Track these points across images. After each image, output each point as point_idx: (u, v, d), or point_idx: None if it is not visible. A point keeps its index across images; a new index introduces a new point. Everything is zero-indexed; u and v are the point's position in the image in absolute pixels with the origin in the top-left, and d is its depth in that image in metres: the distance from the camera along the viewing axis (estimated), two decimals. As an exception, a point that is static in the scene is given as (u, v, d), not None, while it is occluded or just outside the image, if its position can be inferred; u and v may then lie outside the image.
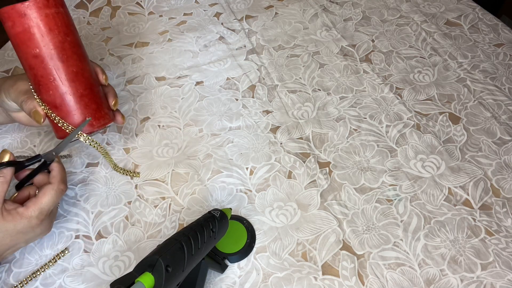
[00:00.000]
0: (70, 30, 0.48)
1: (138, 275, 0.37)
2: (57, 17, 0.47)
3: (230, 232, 0.51)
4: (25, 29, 0.46)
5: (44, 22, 0.46)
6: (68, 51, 0.48)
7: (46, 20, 0.46)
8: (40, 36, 0.46)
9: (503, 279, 0.49)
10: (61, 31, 0.47)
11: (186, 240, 0.41)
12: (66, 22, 0.48)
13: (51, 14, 0.46)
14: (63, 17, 0.47)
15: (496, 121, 0.64)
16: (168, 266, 0.37)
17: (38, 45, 0.46)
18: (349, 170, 0.60)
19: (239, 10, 0.85)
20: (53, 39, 0.47)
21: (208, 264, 0.47)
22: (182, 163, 0.61)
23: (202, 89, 0.71)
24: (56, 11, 0.46)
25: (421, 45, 0.77)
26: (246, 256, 0.51)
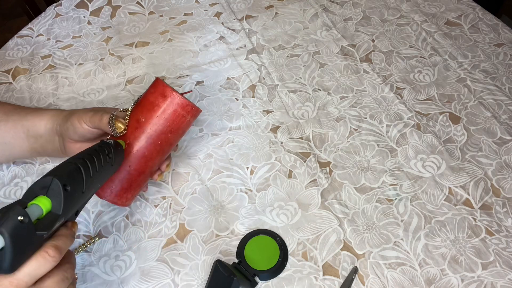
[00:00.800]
0: (176, 131, 0.51)
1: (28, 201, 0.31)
2: (181, 119, 0.50)
3: (262, 248, 0.51)
4: (153, 102, 0.49)
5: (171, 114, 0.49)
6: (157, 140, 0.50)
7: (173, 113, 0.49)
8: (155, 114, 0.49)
9: (503, 278, 0.49)
10: (169, 126, 0.50)
11: (82, 162, 0.36)
12: (179, 125, 0.50)
13: (181, 114, 0.50)
14: (183, 121, 0.50)
15: (497, 121, 0.65)
16: (66, 185, 0.32)
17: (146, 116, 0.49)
18: (350, 170, 0.60)
19: (240, 10, 0.85)
20: (162, 126, 0.49)
21: (240, 281, 0.46)
22: (183, 162, 0.61)
23: (203, 89, 0.71)
24: (184, 115, 0.50)
25: (421, 45, 0.77)
26: (277, 274, 0.50)
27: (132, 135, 0.49)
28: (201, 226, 0.55)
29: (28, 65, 0.76)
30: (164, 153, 0.52)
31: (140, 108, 0.50)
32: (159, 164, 0.53)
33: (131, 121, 0.50)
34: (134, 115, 0.50)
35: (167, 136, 0.50)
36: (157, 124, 0.49)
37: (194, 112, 0.51)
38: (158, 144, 0.50)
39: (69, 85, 0.72)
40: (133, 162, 0.49)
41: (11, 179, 0.60)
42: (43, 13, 0.86)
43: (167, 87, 0.49)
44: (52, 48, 0.79)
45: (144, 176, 0.51)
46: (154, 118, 0.49)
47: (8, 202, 0.57)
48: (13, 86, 0.72)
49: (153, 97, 0.49)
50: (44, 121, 0.53)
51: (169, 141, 0.51)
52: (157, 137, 0.49)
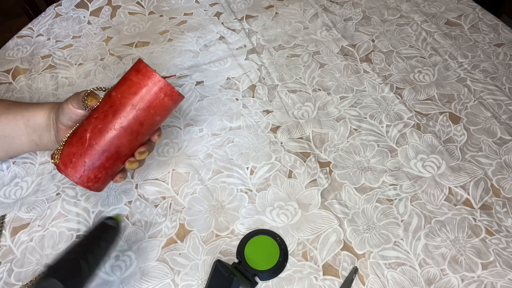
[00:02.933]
0: (148, 111, 0.48)
1: None
2: (153, 96, 0.48)
3: (262, 248, 0.50)
4: (128, 78, 0.48)
5: (140, 87, 0.47)
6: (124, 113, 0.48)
7: (143, 88, 0.47)
8: (127, 89, 0.48)
9: (503, 278, 0.49)
10: (142, 104, 0.48)
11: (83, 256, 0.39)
12: (153, 104, 0.48)
13: (152, 89, 0.47)
14: (156, 99, 0.48)
15: (497, 121, 0.65)
16: None
17: (119, 92, 0.48)
18: (350, 170, 0.60)
19: (240, 10, 0.85)
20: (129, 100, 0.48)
21: (240, 281, 0.46)
22: (183, 162, 0.61)
23: (203, 89, 0.71)
24: (156, 93, 0.48)
25: (421, 45, 0.77)
26: (277, 274, 0.50)
27: (101, 109, 0.48)
28: (201, 226, 0.55)
29: (28, 65, 0.76)
30: (133, 133, 0.49)
31: (116, 84, 0.49)
32: (129, 147, 0.50)
33: (105, 96, 0.49)
34: (110, 91, 0.49)
35: (135, 112, 0.47)
36: (125, 98, 0.47)
37: (168, 91, 0.48)
38: (125, 119, 0.47)
39: (69, 85, 0.72)
40: (98, 136, 0.47)
41: (11, 179, 0.60)
42: (43, 13, 0.86)
43: (142, 63, 0.48)
44: (52, 48, 0.79)
45: (110, 155, 0.48)
46: (124, 91, 0.48)
47: (8, 202, 0.57)
48: (13, 86, 0.72)
49: (128, 72, 0.49)
50: (43, 111, 0.54)
51: (139, 119, 0.48)
52: (125, 111, 0.47)
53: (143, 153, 0.51)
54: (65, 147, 0.49)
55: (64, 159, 0.48)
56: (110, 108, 0.48)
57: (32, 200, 0.58)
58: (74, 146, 0.48)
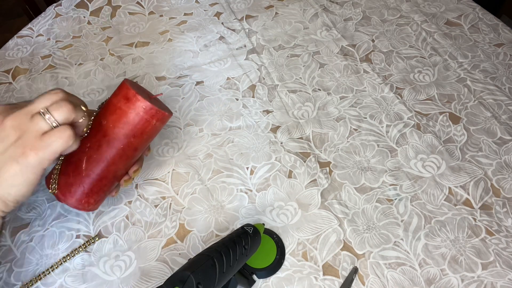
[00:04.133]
0: (141, 137, 0.49)
1: None
2: (145, 124, 0.48)
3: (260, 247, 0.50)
4: (114, 103, 0.47)
5: (133, 118, 0.47)
6: (119, 144, 0.48)
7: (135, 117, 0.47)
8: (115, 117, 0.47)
9: (503, 278, 0.49)
10: (135, 132, 0.48)
11: (219, 256, 0.40)
12: (145, 130, 0.48)
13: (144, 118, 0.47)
14: (148, 126, 0.48)
15: (497, 121, 0.65)
16: (199, 284, 0.37)
17: (108, 119, 0.47)
18: (350, 170, 0.60)
19: (239, 10, 0.85)
20: (123, 130, 0.47)
21: (237, 279, 0.46)
22: (183, 162, 0.61)
23: (202, 89, 0.71)
24: (148, 120, 0.48)
25: (421, 45, 0.77)
26: (275, 272, 0.50)
27: (94, 138, 0.47)
28: (201, 226, 0.55)
29: (28, 65, 0.76)
30: (129, 158, 0.50)
31: (104, 111, 0.48)
32: (125, 169, 0.51)
33: (94, 123, 0.48)
34: (98, 118, 0.48)
35: (130, 140, 0.48)
36: (118, 128, 0.47)
37: (160, 116, 0.48)
38: (120, 149, 0.48)
39: (69, 85, 0.72)
40: (95, 166, 0.48)
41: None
42: (43, 13, 0.86)
43: (130, 90, 0.47)
44: (52, 48, 0.79)
45: (107, 181, 0.50)
46: (116, 121, 0.47)
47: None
48: (13, 86, 0.72)
49: (116, 99, 0.47)
50: None
51: (133, 146, 0.49)
52: (119, 141, 0.48)
53: (136, 171, 0.53)
54: (62, 177, 0.48)
55: (63, 189, 0.48)
56: (103, 138, 0.47)
57: (32, 200, 0.58)
58: (71, 176, 0.48)
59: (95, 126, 0.48)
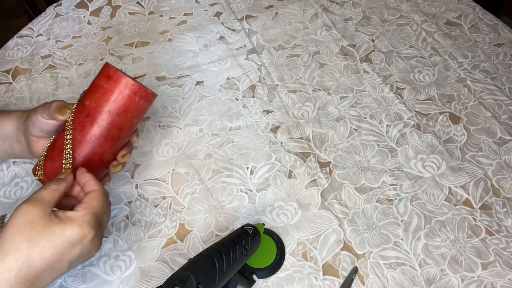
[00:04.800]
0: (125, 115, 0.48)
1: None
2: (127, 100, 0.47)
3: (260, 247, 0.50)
4: (96, 83, 0.47)
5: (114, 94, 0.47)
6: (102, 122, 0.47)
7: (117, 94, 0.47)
8: (97, 95, 0.47)
9: (503, 278, 0.49)
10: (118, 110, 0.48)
11: (219, 256, 0.40)
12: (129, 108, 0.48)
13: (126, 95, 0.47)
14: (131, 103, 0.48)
15: (497, 121, 0.65)
16: (199, 284, 0.37)
17: (90, 99, 0.47)
18: (350, 170, 0.60)
19: (239, 10, 0.85)
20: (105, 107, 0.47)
21: (237, 279, 0.46)
22: (183, 162, 0.61)
23: (203, 89, 0.71)
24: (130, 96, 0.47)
25: (421, 45, 0.77)
26: (275, 272, 0.50)
27: (77, 119, 0.47)
28: (201, 226, 0.55)
29: (28, 65, 0.76)
30: (114, 139, 0.49)
31: (87, 92, 0.48)
32: (112, 153, 0.50)
33: (78, 106, 0.48)
34: (81, 100, 0.48)
35: (113, 119, 0.47)
36: (101, 106, 0.47)
37: (143, 94, 0.48)
38: (105, 128, 0.47)
39: (69, 85, 0.72)
40: (80, 148, 0.47)
41: (11, 179, 0.60)
42: (43, 13, 0.86)
43: (111, 68, 0.47)
44: (52, 48, 0.79)
45: (94, 164, 0.48)
46: (98, 99, 0.47)
47: (8, 202, 0.57)
48: (13, 86, 0.72)
49: (98, 79, 0.48)
50: (11, 121, 0.52)
51: (117, 125, 0.48)
52: (102, 119, 0.47)
53: (125, 155, 0.51)
54: (47, 162, 0.48)
55: (49, 175, 0.47)
56: (86, 118, 0.47)
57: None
58: (57, 160, 0.47)
59: (78, 108, 0.48)
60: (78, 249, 0.40)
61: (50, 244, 0.38)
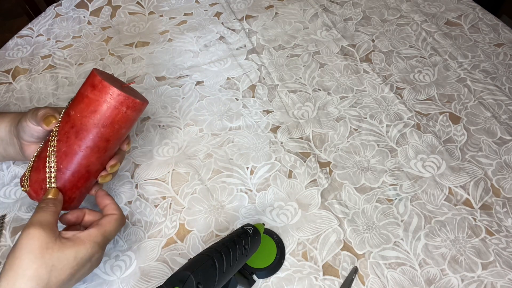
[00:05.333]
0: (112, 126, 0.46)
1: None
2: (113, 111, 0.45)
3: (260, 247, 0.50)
4: (82, 93, 0.45)
5: (100, 105, 0.45)
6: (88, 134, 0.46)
7: (103, 105, 0.45)
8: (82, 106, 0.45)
9: (503, 278, 0.49)
10: (104, 121, 0.46)
11: (219, 256, 0.40)
12: (115, 119, 0.46)
13: (112, 105, 0.45)
14: (118, 114, 0.46)
15: (497, 121, 0.65)
16: (199, 284, 0.37)
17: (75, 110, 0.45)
18: (350, 170, 0.60)
19: (240, 10, 0.85)
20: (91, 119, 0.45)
21: (237, 279, 0.46)
22: (183, 162, 0.61)
23: (203, 89, 0.71)
24: (117, 107, 0.45)
25: (421, 45, 0.77)
26: (275, 272, 0.50)
27: (62, 130, 0.45)
28: (201, 226, 0.55)
29: (28, 65, 0.76)
30: (101, 150, 0.47)
31: (73, 102, 0.46)
32: (99, 163, 0.48)
33: (64, 116, 0.46)
34: (67, 110, 0.46)
35: (99, 130, 0.45)
36: (86, 117, 0.45)
37: (130, 104, 0.46)
38: (90, 140, 0.45)
39: (69, 85, 0.72)
40: (65, 160, 0.45)
41: (11, 179, 0.60)
42: (43, 13, 0.86)
43: (97, 77, 0.44)
44: (52, 48, 0.79)
45: (80, 175, 0.47)
46: (83, 110, 0.45)
47: (8, 202, 0.57)
48: (13, 86, 0.72)
49: (84, 88, 0.45)
50: (4, 124, 0.51)
51: (104, 137, 0.46)
52: (87, 131, 0.45)
53: (114, 165, 0.50)
54: (33, 173, 0.46)
55: (34, 186, 0.46)
56: (71, 129, 0.45)
57: (31, 200, 0.58)
58: (42, 172, 0.46)
59: (64, 118, 0.46)
60: (87, 267, 0.42)
61: (66, 267, 0.40)
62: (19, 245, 0.39)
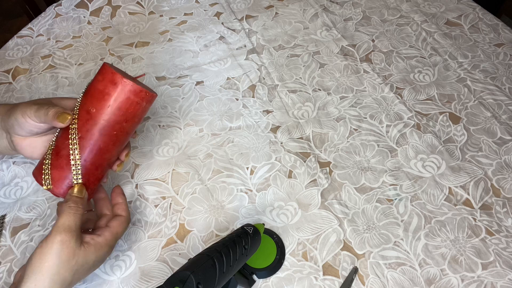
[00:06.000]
0: (132, 119, 0.48)
1: None
2: (132, 106, 0.47)
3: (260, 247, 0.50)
4: (102, 91, 0.46)
5: (119, 100, 0.46)
6: (112, 131, 0.47)
7: (123, 100, 0.46)
8: (106, 104, 0.46)
9: (503, 278, 0.49)
10: (124, 115, 0.47)
11: (219, 256, 0.40)
12: (134, 113, 0.48)
13: (131, 100, 0.46)
14: (137, 108, 0.47)
15: (497, 121, 0.65)
16: (199, 284, 0.37)
17: (97, 107, 0.46)
18: (350, 170, 0.60)
19: (239, 10, 0.85)
20: (112, 114, 0.46)
21: (237, 279, 0.46)
22: (183, 162, 0.61)
23: (203, 89, 0.71)
24: (138, 102, 0.47)
25: (421, 45, 0.77)
26: (275, 272, 0.50)
27: (83, 127, 0.46)
28: (201, 226, 0.55)
29: (28, 65, 0.76)
30: (121, 143, 0.49)
31: (90, 98, 0.46)
32: (117, 155, 0.50)
33: (81, 112, 0.46)
34: (84, 106, 0.46)
35: (122, 125, 0.47)
36: (109, 114, 0.46)
37: (149, 98, 0.48)
38: (114, 135, 0.47)
39: (69, 85, 0.72)
40: (89, 156, 0.47)
41: (11, 179, 0.60)
42: (43, 13, 0.86)
43: (116, 74, 0.45)
44: (52, 48, 0.79)
45: (103, 169, 0.49)
46: (106, 108, 0.46)
47: (8, 202, 0.57)
48: (13, 86, 0.72)
49: (102, 85, 0.46)
50: None
51: (125, 131, 0.48)
52: (111, 128, 0.47)
53: (128, 154, 0.53)
54: (54, 171, 0.47)
55: (58, 184, 0.47)
56: (94, 127, 0.46)
57: (32, 200, 0.58)
58: (65, 169, 0.46)
59: (83, 115, 0.46)
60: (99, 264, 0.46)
61: (86, 270, 0.44)
62: (48, 249, 0.41)
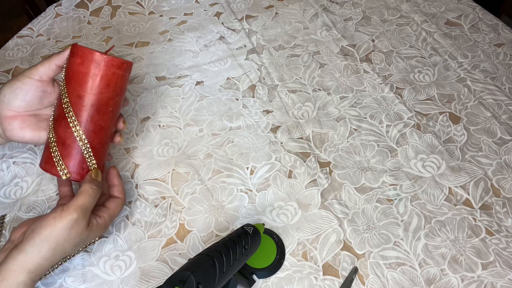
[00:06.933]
0: (121, 92, 0.51)
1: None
2: (119, 79, 0.49)
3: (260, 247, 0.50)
4: (88, 73, 0.47)
5: (107, 77, 0.48)
6: (108, 108, 0.50)
7: (110, 76, 0.48)
8: (96, 85, 0.48)
9: (503, 278, 0.49)
10: (114, 90, 0.50)
11: (219, 256, 0.40)
12: (122, 85, 0.51)
13: (117, 74, 0.49)
14: (123, 80, 0.50)
15: (497, 121, 0.65)
16: (199, 284, 0.37)
17: (88, 90, 0.48)
18: (350, 170, 0.60)
19: (239, 10, 0.85)
20: (104, 92, 0.49)
21: (237, 279, 0.46)
22: (183, 162, 0.61)
23: (203, 89, 0.71)
24: (122, 74, 0.50)
25: (421, 45, 0.77)
26: (275, 272, 0.50)
27: (80, 112, 0.48)
28: (201, 226, 0.55)
29: (28, 65, 0.76)
30: (117, 116, 0.53)
31: (76, 83, 0.48)
32: (115, 127, 0.53)
33: (72, 99, 0.48)
34: (73, 92, 0.48)
35: (115, 100, 0.50)
36: (102, 93, 0.48)
37: (129, 67, 0.50)
38: (110, 111, 0.50)
39: (69, 85, 0.72)
40: (95, 138, 0.49)
41: (11, 179, 0.60)
42: (43, 13, 0.86)
43: (95, 52, 0.47)
44: (52, 48, 0.79)
45: (107, 145, 0.52)
46: (96, 88, 0.48)
47: (8, 202, 0.57)
48: (13, 86, 0.72)
49: (84, 67, 0.47)
50: None
51: (118, 104, 0.51)
52: (107, 105, 0.49)
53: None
54: (67, 160, 0.48)
55: (76, 170, 0.49)
56: (91, 108, 0.48)
57: (32, 200, 0.58)
58: (77, 156, 0.49)
59: (76, 101, 0.48)
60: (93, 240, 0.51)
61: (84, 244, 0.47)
62: (62, 223, 0.44)
